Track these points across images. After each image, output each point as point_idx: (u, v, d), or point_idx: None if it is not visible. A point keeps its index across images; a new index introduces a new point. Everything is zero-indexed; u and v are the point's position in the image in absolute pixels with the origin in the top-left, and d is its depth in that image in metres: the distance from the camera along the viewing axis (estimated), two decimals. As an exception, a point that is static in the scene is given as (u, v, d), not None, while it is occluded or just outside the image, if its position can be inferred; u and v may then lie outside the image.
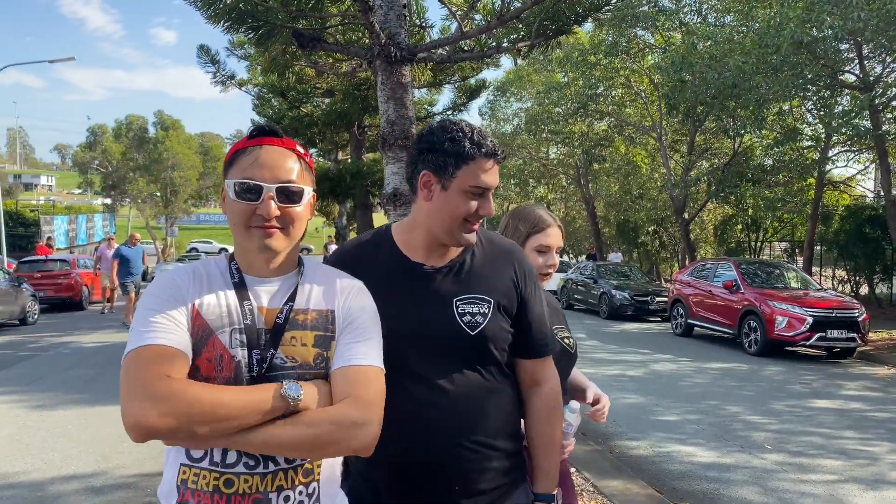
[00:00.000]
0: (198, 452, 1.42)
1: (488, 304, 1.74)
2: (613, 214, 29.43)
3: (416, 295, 1.74)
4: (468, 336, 1.71)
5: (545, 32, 5.51)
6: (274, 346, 1.45)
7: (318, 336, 1.49)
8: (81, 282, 18.88)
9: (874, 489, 5.44)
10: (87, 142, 59.12)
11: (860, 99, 13.27)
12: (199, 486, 1.41)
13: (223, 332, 1.44)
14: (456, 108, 12.16)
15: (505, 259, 1.83)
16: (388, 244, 1.81)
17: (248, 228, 1.46)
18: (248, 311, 1.46)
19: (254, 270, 1.52)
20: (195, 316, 1.44)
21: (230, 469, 1.40)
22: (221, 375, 1.41)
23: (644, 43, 21.81)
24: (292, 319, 1.48)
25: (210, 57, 9.77)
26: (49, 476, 5.35)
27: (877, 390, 9.68)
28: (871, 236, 19.66)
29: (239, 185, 1.46)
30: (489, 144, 1.70)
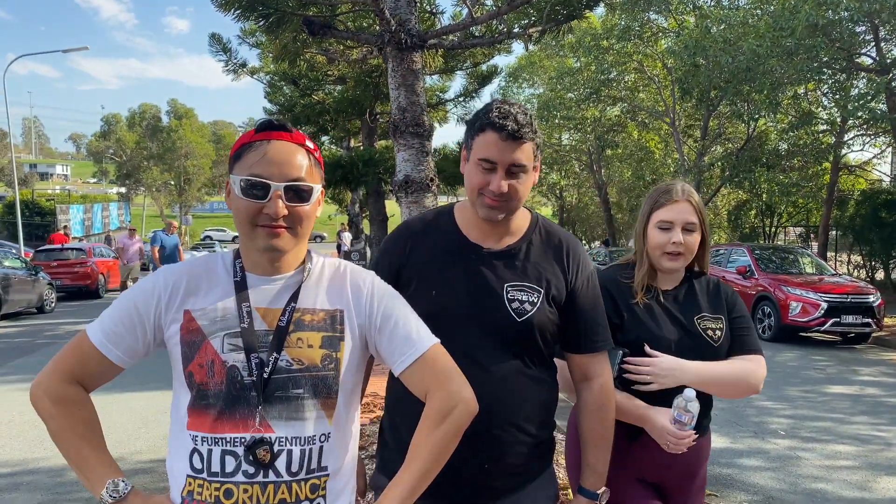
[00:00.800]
0: (198, 463, 1.39)
1: (538, 294, 1.78)
2: (626, 200, 29.32)
3: (470, 275, 1.77)
4: (515, 322, 1.74)
5: (556, 17, 5.48)
6: (277, 349, 1.40)
7: (325, 337, 1.45)
8: (98, 270, 19.06)
9: (890, 475, 5.43)
10: (102, 131, 59.57)
11: (876, 82, 13.11)
12: (203, 497, 1.38)
13: (215, 337, 1.40)
14: (467, 94, 12.11)
15: (559, 250, 1.85)
16: (449, 220, 1.85)
17: (253, 227, 1.41)
18: (245, 315, 1.41)
19: (258, 269, 1.46)
20: (188, 321, 1.41)
21: (229, 479, 1.37)
22: (213, 381, 1.38)
23: (657, 27, 21.61)
24: (298, 320, 1.44)
25: (222, 45, 9.77)
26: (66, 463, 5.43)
27: (892, 376, 9.62)
28: (887, 221, 19.46)
29: (245, 182, 1.39)
30: (503, 119, 1.68)
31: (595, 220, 37.45)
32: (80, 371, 1.44)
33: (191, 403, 1.42)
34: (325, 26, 4.57)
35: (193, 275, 1.46)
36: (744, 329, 2.19)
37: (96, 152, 62.28)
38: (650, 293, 2.18)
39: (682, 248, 2.11)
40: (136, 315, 1.43)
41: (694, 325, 2.14)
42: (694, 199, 2.16)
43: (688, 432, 2.00)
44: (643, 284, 2.18)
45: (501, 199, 1.72)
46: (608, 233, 31.92)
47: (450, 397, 1.43)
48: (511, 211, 1.77)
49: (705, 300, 2.21)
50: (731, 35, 14.04)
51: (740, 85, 14.57)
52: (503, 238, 1.81)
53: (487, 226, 1.79)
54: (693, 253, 2.15)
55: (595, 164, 30.53)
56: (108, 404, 7.14)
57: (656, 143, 25.47)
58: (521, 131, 1.68)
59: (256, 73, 15.16)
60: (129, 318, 1.43)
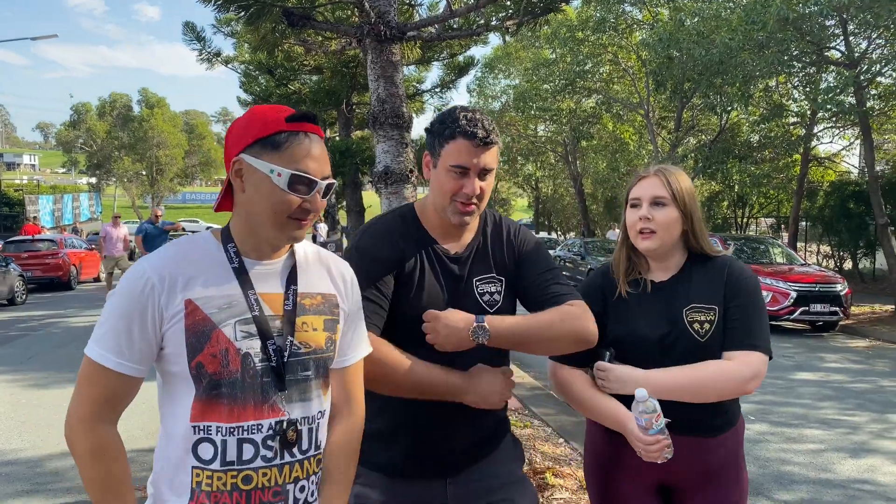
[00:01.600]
0: (207, 454, 1.38)
1: (501, 283, 1.92)
2: (601, 191, 29.57)
3: (445, 276, 1.88)
4: (488, 314, 1.83)
5: (533, 10, 5.54)
6: (291, 333, 1.43)
7: (326, 320, 1.51)
8: (69, 261, 18.82)
9: (855, 457, 5.61)
10: (71, 120, 58.52)
11: (845, 75, 13.37)
12: (216, 488, 1.38)
13: (227, 324, 1.38)
14: (444, 85, 12.15)
15: (504, 236, 1.97)
16: (418, 225, 1.92)
17: (288, 219, 1.41)
18: (253, 302, 1.41)
19: (255, 254, 1.46)
20: (191, 311, 1.37)
21: (247, 465, 1.38)
22: (228, 370, 1.37)
23: (632, 19, 21.79)
24: (300, 304, 1.47)
25: (195, 34, 9.63)
26: (46, 452, 5.42)
27: (858, 362, 9.89)
28: (855, 212, 19.89)
29: (295, 178, 1.38)
30: (472, 127, 1.77)
31: (570, 211, 37.72)
32: (107, 402, 1.37)
33: (199, 396, 1.38)
34: (305, 17, 4.59)
35: (184, 262, 1.41)
36: (737, 320, 1.97)
37: (66, 142, 61.16)
38: (638, 286, 2.08)
39: (651, 225, 2.00)
40: (138, 318, 1.36)
41: (682, 319, 1.99)
42: (665, 175, 2.04)
43: (653, 437, 1.86)
44: (626, 273, 2.09)
45: (473, 203, 1.82)
46: (583, 223, 32.17)
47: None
48: (480, 211, 1.88)
49: (701, 288, 2.02)
50: (704, 28, 14.24)
51: (713, 77, 14.77)
52: (463, 236, 1.92)
53: (452, 228, 1.89)
54: (667, 230, 2.01)
55: (570, 156, 30.73)
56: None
57: (630, 134, 25.70)
58: (490, 137, 1.79)
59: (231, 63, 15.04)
60: (132, 324, 1.36)
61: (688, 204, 2.03)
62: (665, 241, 2.02)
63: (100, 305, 14.99)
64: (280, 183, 1.38)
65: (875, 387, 8.25)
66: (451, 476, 1.92)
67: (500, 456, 1.99)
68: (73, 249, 19.80)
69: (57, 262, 18.42)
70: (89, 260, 20.54)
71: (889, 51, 14.65)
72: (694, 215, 2.04)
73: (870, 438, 6.16)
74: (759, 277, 12.52)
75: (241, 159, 1.41)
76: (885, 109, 17.51)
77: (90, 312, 13.89)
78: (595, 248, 20.49)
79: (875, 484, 5.03)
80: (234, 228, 1.47)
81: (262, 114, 1.44)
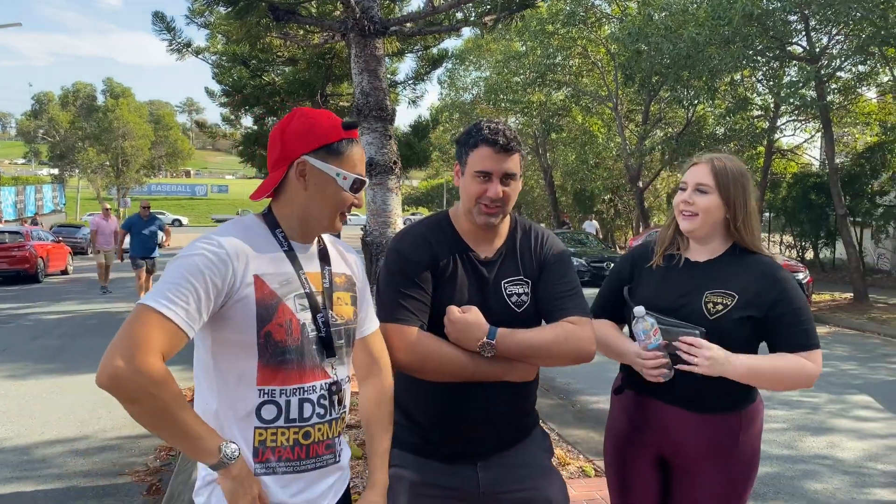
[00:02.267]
0: (269, 414, 1.55)
1: (528, 284, 2.06)
2: (570, 183, 29.86)
3: (476, 278, 2.03)
4: (516, 314, 2.01)
5: (511, 6, 5.70)
6: (331, 307, 1.66)
7: (351, 296, 1.74)
8: (36, 254, 18.54)
9: (814, 435, 5.92)
10: (33, 110, 57.22)
11: (807, 70, 13.77)
12: (279, 443, 1.56)
13: (288, 298, 1.57)
14: (418, 77, 12.22)
15: (532, 243, 2.12)
16: (452, 230, 2.08)
17: (341, 214, 1.66)
18: (304, 280, 1.62)
19: (301, 239, 1.67)
20: (260, 285, 1.53)
21: (307, 423, 1.59)
22: (291, 338, 1.55)
23: (601, 13, 22.05)
24: (334, 282, 1.69)
25: (165, 24, 9.56)
26: (32, 441, 5.47)
27: (818, 347, 10.28)
28: (817, 203, 20.44)
29: (358, 182, 1.64)
30: (494, 135, 1.94)
31: (541, 203, 38.04)
32: (166, 350, 1.40)
33: (265, 362, 1.54)
34: (290, 12, 4.69)
35: (250, 242, 1.56)
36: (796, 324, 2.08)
37: (26, 132, 59.80)
38: (672, 259, 2.26)
39: (692, 208, 2.16)
40: (209, 285, 1.45)
41: (700, 297, 2.14)
42: (714, 163, 2.17)
43: (651, 353, 2.09)
44: (665, 246, 2.28)
45: (497, 206, 1.97)
46: (553, 214, 32.49)
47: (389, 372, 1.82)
48: (505, 214, 2.03)
49: (731, 277, 2.15)
50: (672, 23, 14.53)
51: (680, 71, 15.08)
52: (494, 241, 2.08)
53: (482, 232, 2.05)
54: (708, 214, 2.15)
55: (540, 148, 30.99)
56: (66, 385, 7.14)
57: (599, 127, 26.01)
58: (511, 144, 1.95)
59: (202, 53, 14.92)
60: (206, 288, 1.45)
61: (732, 193, 2.14)
62: (704, 224, 2.17)
63: (68, 298, 14.86)
64: (344, 185, 1.63)
65: (835, 370, 8.62)
66: (482, 461, 2.03)
67: (529, 446, 2.11)
68: (40, 242, 19.50)
69: (24, 254, 18.12)
70: (56, 252, 20.25)
71: (849, 46, 15.10)
72: (738, 205, 2.15)
73: (828, 417, 6.49)
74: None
75: (305, 161, 1.60)
76: (844, 103, 18.03)
77: (59, 305, 13.76)
78: (565, 240, 20.82)
79: (834, 459, 5.33)
80: (281, 216, 1.66)
81: (320, 120, 1.63)
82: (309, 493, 1.61)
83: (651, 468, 2.28)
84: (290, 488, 1.58)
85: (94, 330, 10.74)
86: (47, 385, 7.18)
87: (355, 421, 5.17)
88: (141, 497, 4.39)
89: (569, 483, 4.26)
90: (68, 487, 4.55)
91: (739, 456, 2.16)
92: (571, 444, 4.96)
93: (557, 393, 6.93)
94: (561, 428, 5.36)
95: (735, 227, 2.17)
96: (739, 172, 2.19)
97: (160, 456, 5.13)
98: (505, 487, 2.03)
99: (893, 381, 8.15)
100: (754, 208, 2.22)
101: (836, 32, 15.37)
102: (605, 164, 25.61)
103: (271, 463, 1.56)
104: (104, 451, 5.24)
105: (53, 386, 7.14)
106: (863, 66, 15.67)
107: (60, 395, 6.75)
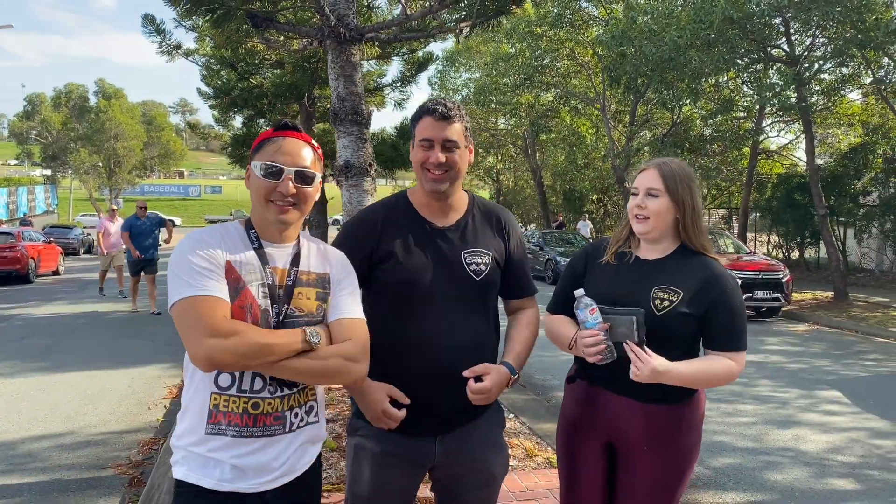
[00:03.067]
0: (225, 381, 1.77)
1: (488, 256, 2.22)
2: (560, 184, 30.06)
3: (432, 247, 2.18)
4: (474, 281, 2.18)
5: (486, 13, 5.86)
6: (288, 300, 1.83)
7: (318, 292, 1.90)
8: (28, 254, 18.62)
9: (784, 428, 6.11)
10: (25, 111, 57.12)
11: (787, 73, 13.98)
12: (230, 409, 1.77)
13: (253, 284, 1.79)
14: (405, 80, 12.40)
15: (497, 221, 2.30)
16: (407, 204, 2.25)
17: (267, 202, 1.82)
18: (269, 273, 1.82)
19: (268, 237, 1.87)
20: (229, 269, 1.77)
21: (257, 394, 1.79)
22: (249, 321, 1.75)
23: (588, 15, 22.23)
24: (298, 279, 1.87)
25: (155, 27, 9.68)
26: (18, 437, 5.61)
27: (795, 345, 10.50)
28: (801, 203, 20.70)
29: (265, 167, 1.81)
30: (434, 105, 2.13)
31: (530, 203, 38.23)
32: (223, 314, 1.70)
33: None
34: (268, 19, 4.85)
35: (223, 236, 1.83)
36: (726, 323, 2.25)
37: (19, 133, 59.68)
38: (624, 257, 2.41)
39: (644, 212, 2.30)
40: (214, 265, 1.75)
41: (648, 293, 2.28)
42: (661, 168, 2.31)
43: (590, 331, 2.23)
44: (619, 244, 2.44)
45: (441, 171, 2.11)
46: (543, 215, 32.68)
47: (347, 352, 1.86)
48: (451, 181, 2.15)
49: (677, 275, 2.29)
50: (655, 26, 14.70)
51: (665, 73, 15.26)
52: (450, 214, 2.23)
53: (436, 204, 2.20)
54: (658, 217, 2.29)
55: (530, 149, 31.18)
56: (53, 383, 7.27)
57: (588, 128, 26.20)
58: (450, 113, 2.12)
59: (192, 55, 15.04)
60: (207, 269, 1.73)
61: (680, 194, 2.29)
62: (656, 227, 2.32)
63: (59, 299, 14.96)
64: (257, 172, 1.82)
65: (809, 366, 8.82)
66: (441, 434, 2.17)
67: (485, 421, 2.25)
68: (31, 242, 19.59)
69: (15, 254, 18.21)
70: (47, 253, 20.33)
71: (831, 49, 15.33)
72: (686, 206, 2.30)
73: (797, 412, 6.67)
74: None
75: (249, 166, 1.87)
76: (827, 104, 18.28)
77: (50, 306, 13.86)
78: (553, 240, 21.03)
79: (797, 451, 5.52)
80: (252, 218, 1.92)
81: (265, 132, 1.91)
82: (257, 458, 1.79)
83: (598, 454, 2.43)
84: (237, 450, 1.77)
85: (83, 329, 10.87)
86: (35, 383, 7.31)
87: (333, 415, 5.34)
88: (123, 489, 4.54)
89: (535, 473, 4.45)
90: (53, 480, 4.69)
91: (680, 446, 2.33)
92: (541, 437, 5.13)
93: (534, 389, 7.11)
94: (533, 422, 5.53)
95: (684, 227, 2.32)
96: (686, 174, 2.34)
97: (143, 450, 5.28)
98: (457, 457, 2.20)
99: (865, 376, 8.34)
100: (700, 208, 2.37)
101: (818, 35, 15.58)
102: (594, 165, 25.82)
103: (221, 426, 1.77)
104: (89, 446, 5.39)
105: (41, 384, 7.27)
106: (845, 68, 15.92)
107: (47, 393, 6.88)
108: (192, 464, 1.79)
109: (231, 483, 1.78)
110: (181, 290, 1.71)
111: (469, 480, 2.25)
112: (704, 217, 2.46)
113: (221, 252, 1.78)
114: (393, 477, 2.16)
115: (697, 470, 5.05)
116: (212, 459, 1.77)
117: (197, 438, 1.78)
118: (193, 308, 1.68)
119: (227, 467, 1.77)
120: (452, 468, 2.22)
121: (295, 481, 1.88)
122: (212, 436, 1.77)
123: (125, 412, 6.23)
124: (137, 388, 7.00)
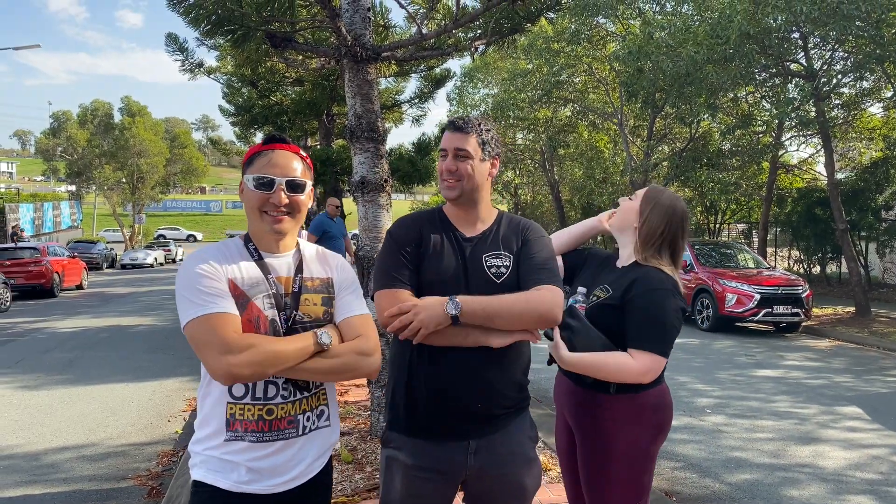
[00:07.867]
0: (239, 391, 1.85)
1: (509, 258, 2.29)
2: (578, 198, 30.00)
3: (458, 253, 2.27)
4: (495, 284, 2.23)
5: (501, 31, 5.94)
6: (296, 307, 1.91)
7: (323, 297, 1.98)
8: (52, 269, 18.96)
9: (803, 444, 6.06)
10: (51, 128, 58.16)
11: (804, 88, 13.92)
12: (246, 417, 1.85)
13: (257, 298, 1.86)
14: (422, 96, 12.53)
15: (521, 229, 2.37)
16: (442, 216, 2.36)
17: (261, 214, 1.90)
18: (272, 282, 1.90)
19: (266, 248, 1.95)
20: (232, 287, 1.84)
21: (271, 401, 1.87)
22: (259, 332, 1.83)
23: (605, 31, 22.30)
24: (304, 285, 1.95)
25: (178, 45, 9.91)
26: (42, 448, 5.73)
27: (816, 360, 10.39)
28: (821, 217, 20.50)
29: (256, 179, 1.88)
30: (453, 120, 2.26)
31: (549, 218, 38.17)
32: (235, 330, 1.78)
33: None
34: (287, 40, 4.96)
35: (223, 254, 1.91)
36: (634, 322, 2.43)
37: (45, 150, 60.74)
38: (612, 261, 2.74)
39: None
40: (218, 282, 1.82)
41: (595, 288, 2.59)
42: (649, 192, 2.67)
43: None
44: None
45: (453, 179, 2.22)
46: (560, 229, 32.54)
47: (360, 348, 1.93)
48: (463, 190, 2.24)
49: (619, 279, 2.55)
50: (672, 41, 14.72)
51: (682, 88, 15.25)
52: (476, 225, 2.34)
53: (463, 215, 2.32)
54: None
55: (548, 163, 31.20)
56: (76, 395, 7.41)
57: (605, 142, 26.20)
58: (465, 126, 2.24)
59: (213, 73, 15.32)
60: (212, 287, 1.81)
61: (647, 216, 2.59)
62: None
63: (82, 313, 15.20)
64: (250, 185, 1.90)
65: (829, 382, 8.73)
66: (473, 439, 2.19)
67: (518, 432, 2.27)
68: (56, 257, 19.94)
69: (40, 269, 18.57)
70: (72, 268, 20.68)
71: (850, 62, 15.25)
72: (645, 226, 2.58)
73: (817, 428, 6.61)
74: (725, 281, 13.09)
75: (242, 180, 1.95)
76: (847, 119, 18.14)
77: (73, 319, 14.09)
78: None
79: (815, 468, 5.47)
80: (249, 231, 2.00)
81: (255, 146, 1.97)
82: (272, 461, 1.87)
83: (563, 427, 2.72)
84: (253, 454, 1.86)
85: (105, 343, 11.04)
86: (58, 395, 7.45)
87: (348, 428, 5.39)
88: (142, 500, 4.62)
89: (550, 487, 4.46)
90: (74, 491, 4.79)
91: (602, 437, 2.47)
92: (555, 452, 5.13)
93: (549, 404, 7.11)
94: (547, 436, 5.53)
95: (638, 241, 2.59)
96: (665, 205, 2.60)
97: (162, 462, 5.37)
98: (488, 471, 2.22)
99: (887, 393, 8.25)
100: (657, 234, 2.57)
101: (837, 49, 15.51)
102: (612, 180, 25.78)
103: (239, 433, 1.85)
104: (110, 457, 5.48)
105: (64, 396, 7.40)
106: (865, 82, 15.81)
107: (70, 405, 7.01)
108: (211, 466, 1.87)
109: (247, 485, 1.86)
110: (190, 310, 1.78)
111: (501, 493, 2.28)
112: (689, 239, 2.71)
113: (222, 268, 1.85)
114: (425, 491, 2.20)
115: (713, 485, 5.03)
116: (230, 462, 1.86)
117: (216, 444, 1.87)
118: (205, 327, 1.76)
119: (243, 470, 1.85)
120: (484, 481, 2.24)
121: (307, 484, 1.95)
122: (231, 441, 1.86)
123: (145, 424, 6.33)
124: (158, 401, 7.11)
